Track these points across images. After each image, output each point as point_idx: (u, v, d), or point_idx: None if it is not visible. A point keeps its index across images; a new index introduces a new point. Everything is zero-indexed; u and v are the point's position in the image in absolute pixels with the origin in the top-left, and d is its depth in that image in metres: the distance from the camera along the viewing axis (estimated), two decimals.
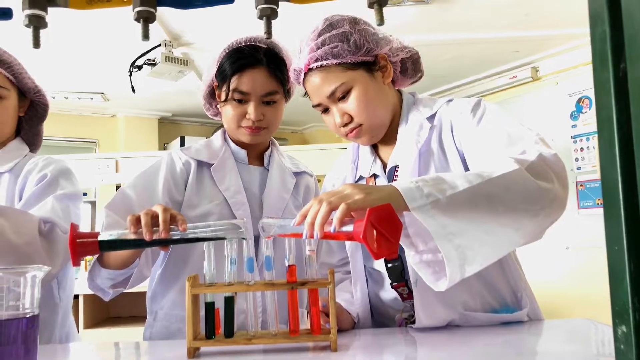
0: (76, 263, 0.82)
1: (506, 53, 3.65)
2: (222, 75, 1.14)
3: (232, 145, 1.23)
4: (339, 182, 1.19)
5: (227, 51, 1.15)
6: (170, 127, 5.19)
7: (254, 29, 1.16)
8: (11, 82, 1.17)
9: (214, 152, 1.21)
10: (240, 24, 2.57)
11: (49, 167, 1.15)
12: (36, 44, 0.61)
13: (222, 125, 1.25)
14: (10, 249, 0.95)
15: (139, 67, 3.38)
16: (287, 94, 1.20)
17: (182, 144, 4.70)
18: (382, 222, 0.72)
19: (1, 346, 0.62)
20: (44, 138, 1.33)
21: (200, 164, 1.18)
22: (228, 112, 1.16)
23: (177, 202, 1.14)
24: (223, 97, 1.15)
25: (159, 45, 3.18)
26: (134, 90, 3.53)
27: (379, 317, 1.11)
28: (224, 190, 1.15)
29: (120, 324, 3.21)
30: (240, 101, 1.14)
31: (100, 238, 0.84)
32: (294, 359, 0.79)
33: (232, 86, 1.12)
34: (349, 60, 1.00)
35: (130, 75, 3.42)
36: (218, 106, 1.22)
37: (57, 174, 1.15)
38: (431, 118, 1.05)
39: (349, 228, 0.74)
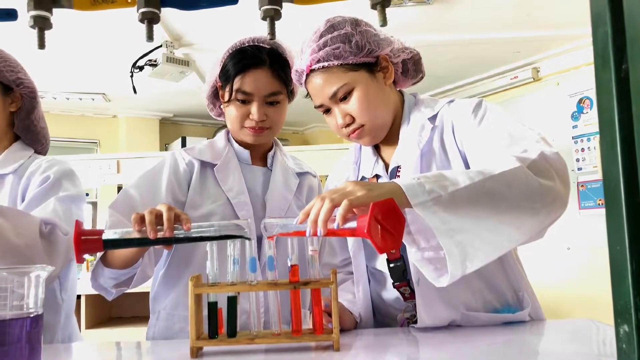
0: (80, 260, 0.83)
1: (507, 53, 3.66)
2: (226, 75, 1.15)
3: (236, 145, 1.23)
4: (341, 182, 1.19)
5: (230, 51, 1.15)
6: (172, 128, 5.20)
7: (255, 30, 1.16)
8: None
9: (217, 153, 1.21)
10: (242, 24, 2.58)
11: (52, 169, 1.15)
12: (41, 45, 0.61)
13: (223, 126, 1.25)
14: (11, 250, 0.95)
15: (141, 68, 3.39)
16: (290, 94, 1.21)
17: (183, 144, 4.71)
18: (385, 217, 0.73)
19: (6, 346, 0.62)
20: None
21: (204, 164, 1.19)
22: (231, 112, 1.16)
23: (181, 202, 1.14)
24: (226, 97, 1.15)
25: (161, 45, 3.19)
26: (135, 91, 3.54)
27: (381, 317, 1.11)
28: (227, 191, 1.15)
29: (122, 324, 3.22)
30: (243, 101, 1.14)
31: (104, 236, 0.84)
32: (296, 359, 0.79)
33: (235, 86, 1.12)
34: (351, 61, 1.01)
35: (131, 76, 3.42)
36: (221, 106, 1.23)
37: (60, 176, 1.15)
38: (433, 118, 1.06)
39: (352, 225, 0.74)
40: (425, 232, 0.82)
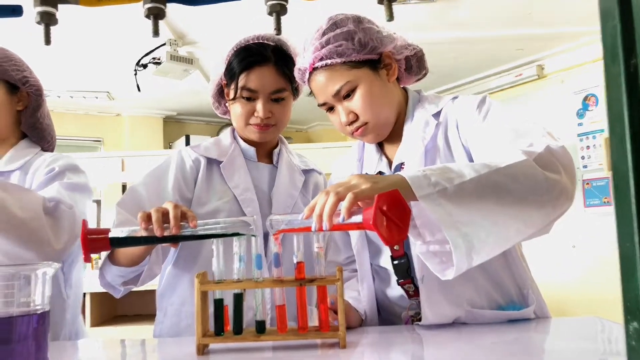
0: (87, 259, 0.83)
1: (511, 51, 3.64)
2: (231, 73, 1.15)
3: (242, 143, 1.23)
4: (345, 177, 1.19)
5: (235, 49, 1.15)
6: (175, 126, 5.20)
7: (259, 27, 1.16)
8: None
9: (224, 150, 1.21)
10: (245, 22, 2.58)
11: (57, 162, 1.16)
12: (47, 41, 0.61)
13: (227, 124, 1.25)
14: (15, 224, 0.94)
15: (144, 66, 3.40)
16: (295, 91, 1.21)
17: (187, 142, 4.71)
18: (390, 208, 0.72)
19: (13, 342, 0.62)
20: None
21: (210, 162, 1.19)
22: (236, 109, 1.16)
23: (187, 199, 1.14)
24: (231, 95, 1.15)
25: (164, 44, 3.19)
26: (139, 89, 3.55)
27: (386, 315, 1.11)
28: (233, 188, 1.15)
29: (127, 322, 3.23)
30: (248, 99, 1.14)
31: (111, 235, 0.84)
32: (302, 356, 0.79)
33: (240, 84, 1.12)
34: (354, 59, 1.00)
35: (135, 74, 3.43)
36: (227, 104, 1.23)
37: (65, 168, 1.15)
38: (437, 115, 1.05)
39: (357, 218, 0.74)
40: (431, 225, 0.82)
